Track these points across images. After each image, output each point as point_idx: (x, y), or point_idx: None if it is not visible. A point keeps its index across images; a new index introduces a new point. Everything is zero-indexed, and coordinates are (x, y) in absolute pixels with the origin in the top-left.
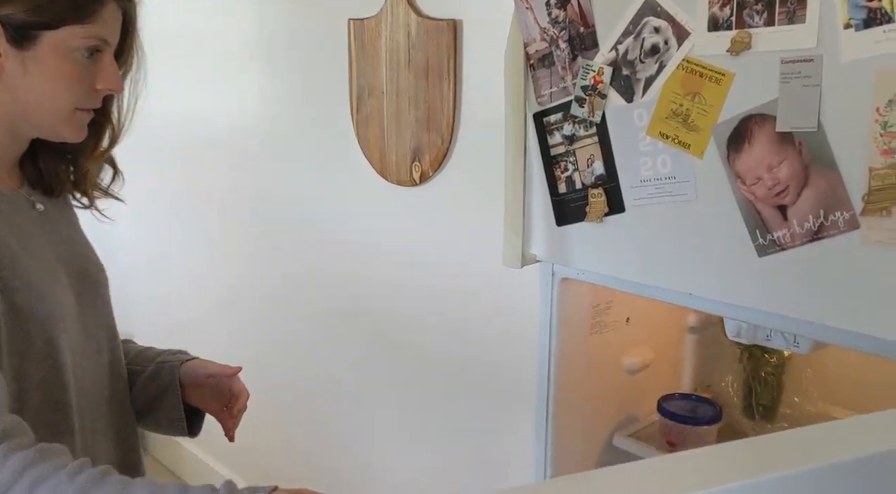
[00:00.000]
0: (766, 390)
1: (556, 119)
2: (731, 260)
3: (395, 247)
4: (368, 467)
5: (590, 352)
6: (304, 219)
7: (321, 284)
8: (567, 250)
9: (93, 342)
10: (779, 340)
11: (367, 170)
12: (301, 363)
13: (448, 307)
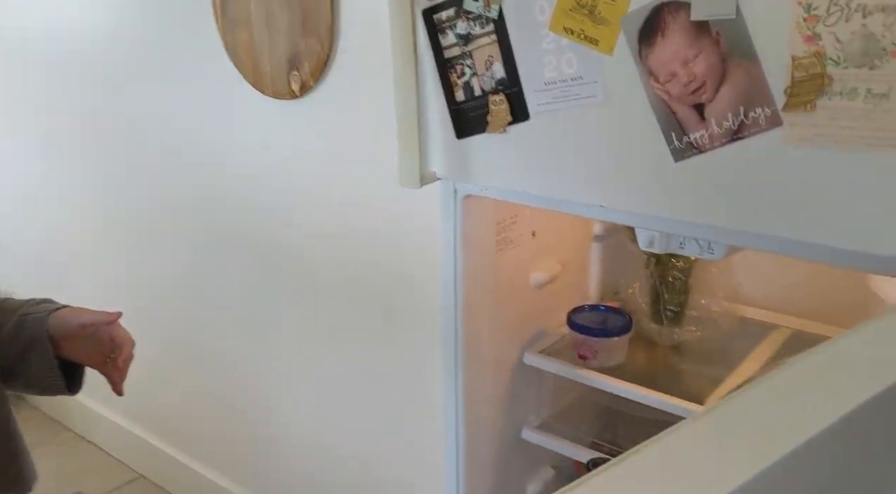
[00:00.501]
0: (673, 295)
1: (449, 15)
2: (646, 167)
3: (279, 169)
4: (273, 406)
5: (496, 270)
6: (172, 142)
7: (201, 214)
8: (469, 165)
9: None
10: (692, 248)
11: (239, 83)
12: (189, 301)
13: (343, 232)
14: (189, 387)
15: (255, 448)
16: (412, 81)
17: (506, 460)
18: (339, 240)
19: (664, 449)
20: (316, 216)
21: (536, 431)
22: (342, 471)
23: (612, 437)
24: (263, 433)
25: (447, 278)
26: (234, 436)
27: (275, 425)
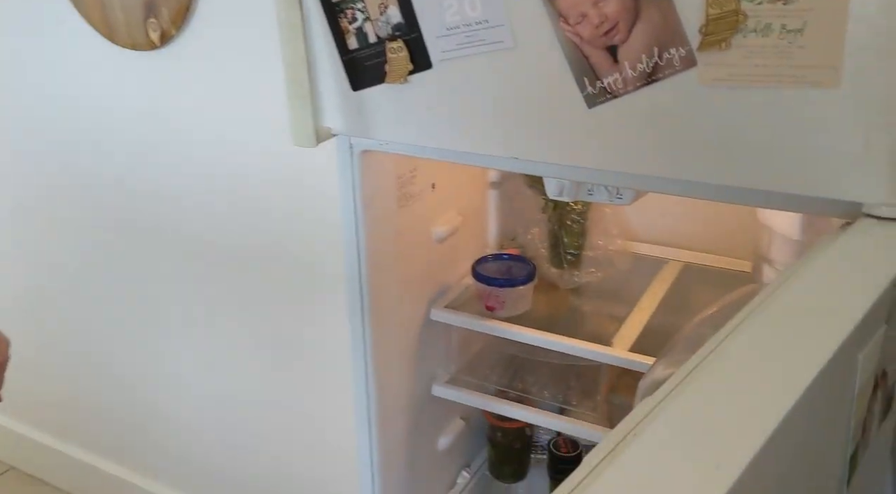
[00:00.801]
0: (572, 238)
1: None
2: (559, 115)
3: (148, 133)
4: (162, 387)
5: (399, 227)
6: (22, 106)
7: (66, 191)
8: (368, 119)
9: None
10: (601, 195)
11: (89, 35)
12: (67, 291)
13: (231, 199)
14: (63, 372)
15: (143, 432)
16: (298, 29)
17: (417, 417)
18: (227, 207)
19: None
20: (198, 182)
21: (447, 386)
22: (246, 450)
23: (523, 385)
24: (149, 415)
25: (349, 239)
26: (118, 420)
27: (164, 407)
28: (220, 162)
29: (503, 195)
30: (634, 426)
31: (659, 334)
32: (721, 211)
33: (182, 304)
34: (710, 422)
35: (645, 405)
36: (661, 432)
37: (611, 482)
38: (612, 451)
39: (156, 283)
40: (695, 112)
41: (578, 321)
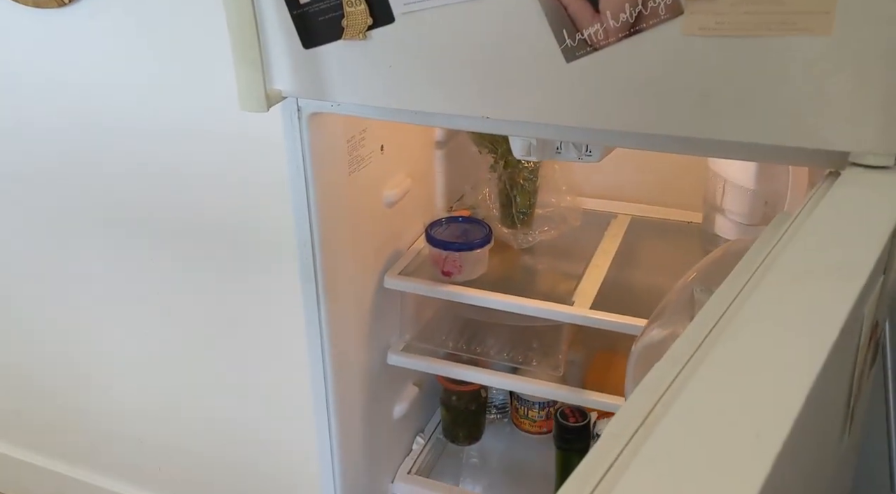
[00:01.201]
0: (524, 197)
1: None
2: (535, 71)
3: (63, 100)
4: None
5: (349, 193)
6: None
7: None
8: (321, 79)
9: None
10: (570, 153)
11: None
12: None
13: (167, 170)
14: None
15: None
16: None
17: (374, 386)
18: (164, 180)
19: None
20: (127, 154)
21: (402, 354)
22: (200, 428)
23: (481, 348)
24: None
25: (299, 209)
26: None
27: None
28: (152, 130)
29: (448, 155)
30: (661, 395)
31: (617, 290)
32: (666, 161)
33: (123, 283)
34: (741, 390)
35: (661, 371)
36: (693, 401)
37: (650, 456)
38: (642, 423)
39: (89, 263)
40: (679, 63)
41: (533, 280)
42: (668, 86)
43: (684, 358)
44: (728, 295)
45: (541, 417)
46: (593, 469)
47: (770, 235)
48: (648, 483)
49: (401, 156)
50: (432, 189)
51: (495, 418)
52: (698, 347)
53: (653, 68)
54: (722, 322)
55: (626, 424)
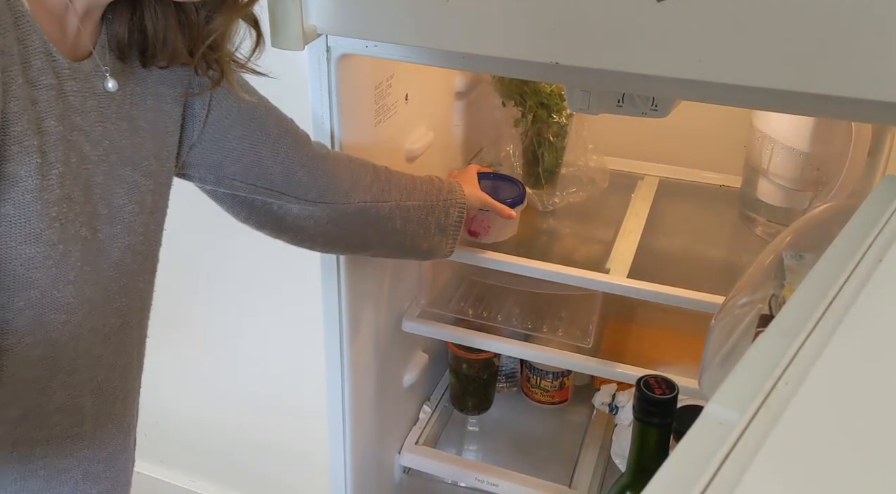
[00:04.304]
0: (552, 155)
1: None
2: (618, 11)
3: None
4: None
5: (375, 145)
6: None
7: None
8: (361, 15)
9: (114, 313)
10: (632, 106)
11: None
12: None
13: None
14: None
15: None
16: None
17: (386, 353)
18: None
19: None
20: None
21: (417, 321)
22: (213, 398)
23: (502, 316)
24: None
25: None
26: None
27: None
28: None
29: (469, 107)
30: (780, 374)
31: (650, 257)
32: (697, 118)
33: None
34: (878, 369)
35: (772, 345)
36: (830, 382)
37: (783, 448)
38: (760, 406)
39: None
40: (787, 7)
41: (559, 245)
42: (769, 32)
43: (800, 330)
44: (841, 262)
45: (554, 387)
46: (702, 459)
47: (882, 199)
48: (786, 482)
49: (423, 106)
50: (450, 142)
51: (504, 387)
52: (819, 320)
53: (752, 11)
54: (845, 291)
55: (740, 403)
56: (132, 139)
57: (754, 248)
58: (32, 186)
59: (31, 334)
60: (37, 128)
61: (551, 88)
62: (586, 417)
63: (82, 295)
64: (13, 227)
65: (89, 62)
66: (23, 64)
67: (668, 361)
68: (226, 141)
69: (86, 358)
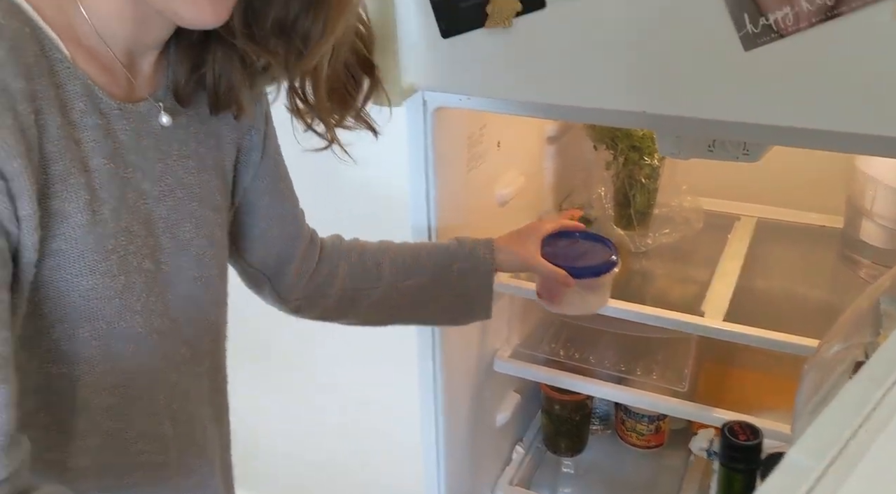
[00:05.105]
0: (644, 196)
1: None
2: (704, 61)
3: None
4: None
5: (467, 192)
6: None
7: None
8: (456, 71)
9: (184, 343)
10: (723, 151)
11: None
12: None
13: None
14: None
15: None
16: None
17: (479, 393)
18: None
19: None
20: None
21: (509, 361)
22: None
23: (594, 357)
24: None
25: (417, 208)
26: None
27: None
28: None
29: (560, 151)
30: (863, 419)
31: (748, 299)
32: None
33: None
34: None
35: (859, 392)
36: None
37: (862, 483)
38: (842, 450)
39: None
40: (883, 53)
41: (652, 287)
42: (863, 78)
43: (889, 378)
44: None
45: (650, 431)
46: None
47: None
48: None
49: (514, 152)
50: (541, 186)
51: (598, 429)
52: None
53: (848, 57)
54: None
55: (820, 450)
56: (199, 176)
57: (857, 291)
58: (83, 221)
59: (101, 363)
60: (82, 167)
61: (643, 132)
62: (683, 462)
63: (150, 325)
64: (67, 261)
65: (146, 103)
66: (61, 107)
67: (767, 406)
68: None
69: (160, 385)
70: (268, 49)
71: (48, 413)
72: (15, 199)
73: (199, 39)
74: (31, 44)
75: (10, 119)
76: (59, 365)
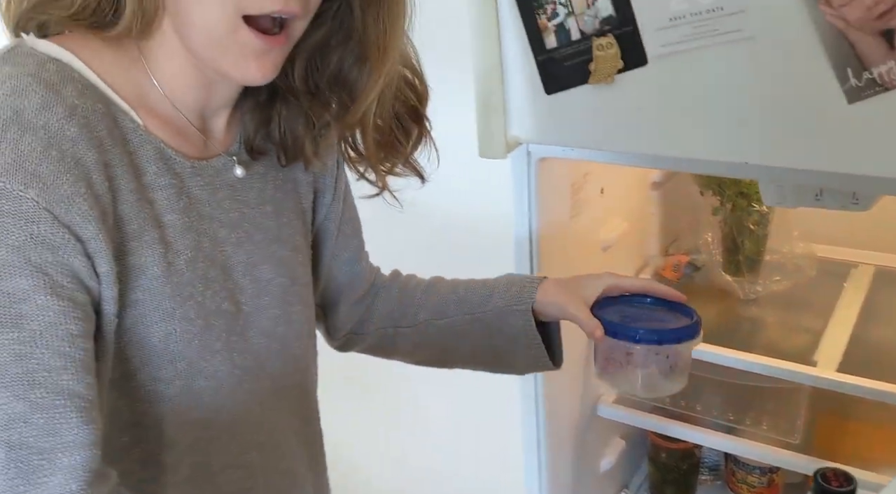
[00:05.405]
0: (753, 243)
1: None
2: (807, 112)
3: None
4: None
5: (569, 237)
6: None
7: None
8: (559, 124)
9: (267, 378)
10: (831, 200)
11: None
12: None
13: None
14: None
15: None
16: (493, 32)
17: (582, 437)
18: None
19: None
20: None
21: (613, 406)
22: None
23: (701, 405)
24: None
25: (520, 253)
26: None
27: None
28: None
29: (665, 196)
30: None
31: (863, 350)
32: None
33: None
34: None
35: None
36: None
37: None
38: None
39: None
40: None
41: (761, 335)
42: None
43: None
44: None
45: (762, 483)
46: None
47: None
48: None
49: (618, 198)
50: (646, 231)
51: (708, 479)
52: None
53: None
54: None
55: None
56: (278, 219)
57: None
58: (159, 273)
59: (185, 401)
60: (156, 223)
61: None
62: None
63: (232, 362)
64: (147, 309)
65: (220, 158)
66: (135, 172)
67: (887, 460)
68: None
69: (243, 419)
70: (323, 103)
71: (141, 449)
72: (93, 258)
73: (267, 97)
74: (104, 118)
75: (84, 188)
76: (146, 404)
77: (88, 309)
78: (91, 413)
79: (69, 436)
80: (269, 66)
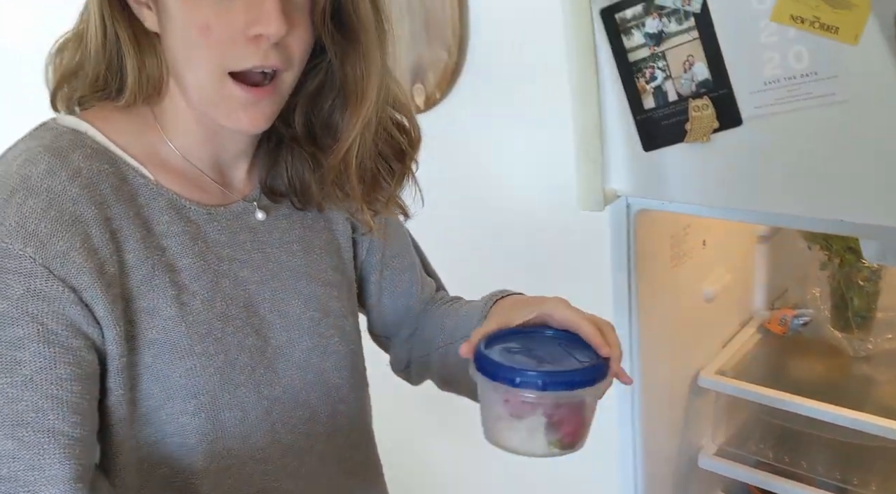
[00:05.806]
0: (863, 299)
1: (635, 13)
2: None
3: None
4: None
5: (670, 288)
6: None
7: None
8: (657, 179)
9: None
10: None
11: None
12: None
13: (500, 259)
14: None
15: None
16: (593, 92)
17: (682, 490)
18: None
19: None
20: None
21: (714, 458)
22: None
23: (806, 463)
24: None
25: (620, 302)
26: None
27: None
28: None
29: (772, 250)
30: None
31: None
32: None
33: None
34: None
35: None
36: None
37: None
38: None
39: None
40: None
41: (871, 393)
42: None
43: None
44: None
45: None
46: None
47: None
48: None
49: (721, 250)
50: (751, 284)
51: None
52: None
53: None
54: None
55: None
56: (306, 257)
57: None
58: (172, 314)
59: (212, 432)
60: (168, 268)
61: None
62: None
63: (258, 393)
64: (164, 348)
65: (240, 204)
66: (144, 223)
67: None
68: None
69: (274, 447)
70: (321, 148)
71: (178, 478)
72: (90, 305)
73: (275, 144)
74: (110, 178)
75: (79, 242)
76: (177, 437)
77: (84, 352)
78: (74, 450)
79: (51, 471)
80: (260, 116)
